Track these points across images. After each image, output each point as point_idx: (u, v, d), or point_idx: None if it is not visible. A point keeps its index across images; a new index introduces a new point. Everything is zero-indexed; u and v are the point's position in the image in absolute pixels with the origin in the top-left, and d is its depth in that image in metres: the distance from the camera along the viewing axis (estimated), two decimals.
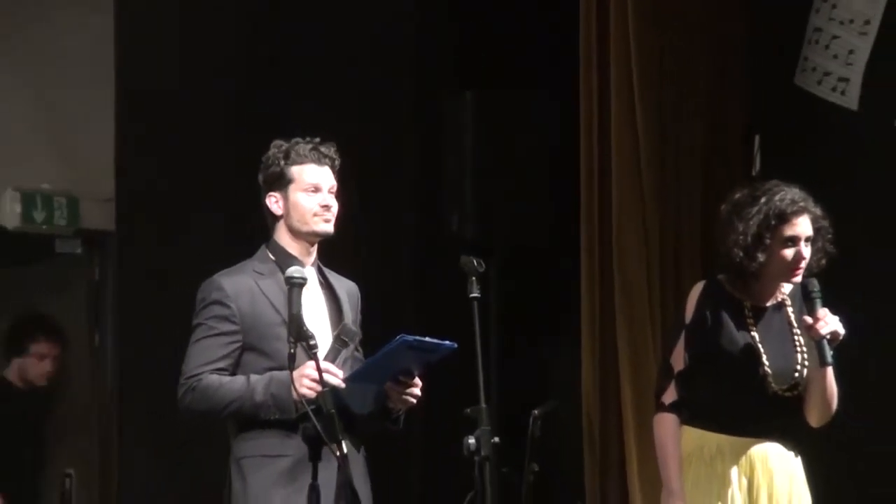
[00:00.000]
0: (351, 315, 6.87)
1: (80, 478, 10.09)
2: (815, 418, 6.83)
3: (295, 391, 6.47)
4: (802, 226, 6.68)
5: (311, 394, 6.45)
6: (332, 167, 6.75)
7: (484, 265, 6.75)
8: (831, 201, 7.43)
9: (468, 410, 6.71)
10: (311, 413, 6.34)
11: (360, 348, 6.85)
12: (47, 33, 10.07)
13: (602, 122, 8.51)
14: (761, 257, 6.64)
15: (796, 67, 8.39)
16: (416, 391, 6.69)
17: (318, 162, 6.71)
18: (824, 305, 6.64)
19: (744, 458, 6.88)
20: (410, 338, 6.58)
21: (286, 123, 8.16)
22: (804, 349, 6.77)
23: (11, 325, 9.87)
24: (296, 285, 6.46)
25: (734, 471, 6.88)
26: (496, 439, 6.67)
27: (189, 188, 8.98)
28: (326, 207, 6.66)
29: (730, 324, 6.80)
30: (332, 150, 6.77)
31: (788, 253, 6.66)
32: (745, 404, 6.79)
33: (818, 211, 6.77)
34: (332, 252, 7.42)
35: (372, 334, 7.01)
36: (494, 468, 6.71)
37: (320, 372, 6.41)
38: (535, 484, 7.94)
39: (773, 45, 8.55)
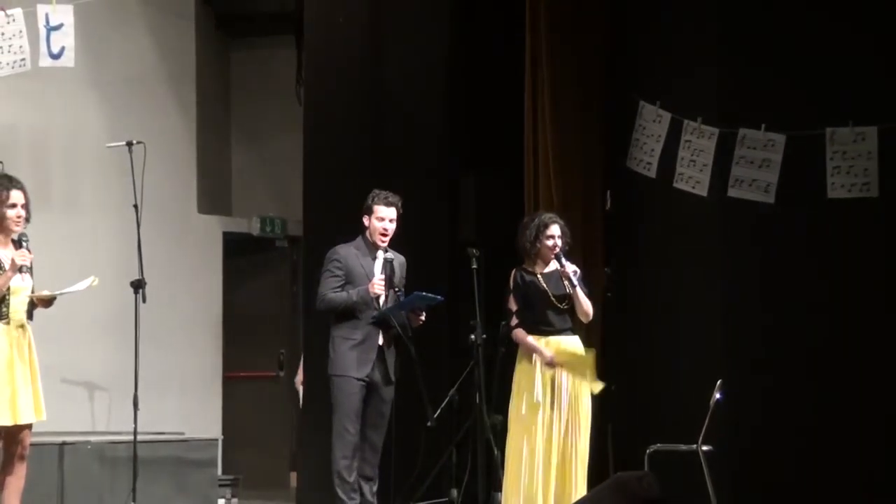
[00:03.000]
0: (398, 274, 6.95)
1: (287, 354, 10.45)
2: (582, 318, 7.14)
3: (371, 292, 6.77)
4: (553, 229, 7.12)
5: (380, 292, 6.73)
6: (396, 208, 6.92)
7: (478, 252, 7.41)
8: (641, 219, 8.31)
9: (472, 322, 7.37)
10: (387, 315, 6.62)
11: (402, 290, 6.92)
12: (271, 132, 10.36)
13: (535, 182, 8.43)
14: (537, 245, 7.11)
15: (627, 157, 8.39)
16: (423, 317, 6.88)
17: (387, 205, 6.91)
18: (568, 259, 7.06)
19: (552, 346, 7.08)
20: (422, 293, 6.86)
21: (387, 180, 8.13)
22: (566, 284, 7.07)
23: None
24: (388, 261, 6.88)
25: (547, 354, 7.07)
26: (484, 336, 7.35)
27: (344, 212, 8.28)
28: (386, 231, 6.88)
29: (529, 282, 7.13)
30: (397, 198, 6.94)
31: (548, 243, 7.09)
32: (548, 317, 7.09)
33: (562, 222, 7.17)
34: (416, 250, 7.84)
35: (426, 285, 7.22)
36: (483, 350, 7.38)
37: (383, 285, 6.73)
38: (502, 357, 7.85)
39: (615, 147, 8.45)
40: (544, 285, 7.12)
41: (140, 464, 7.53)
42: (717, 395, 7.57)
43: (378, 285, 6.74)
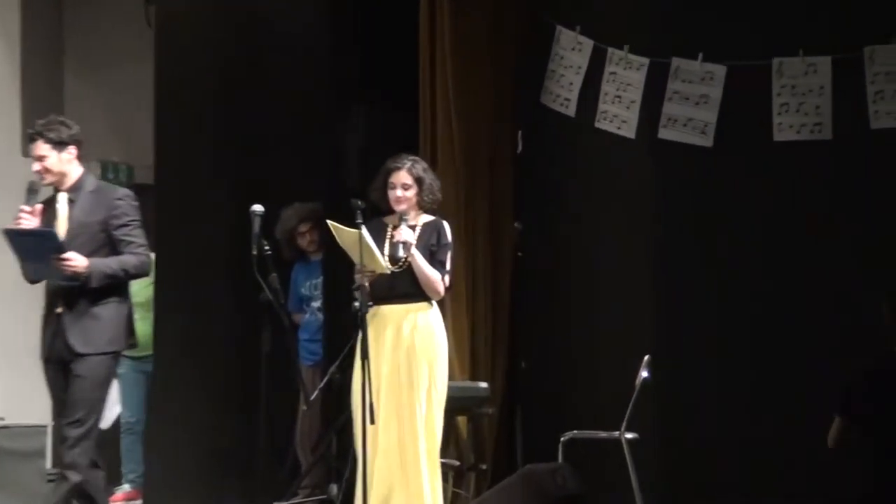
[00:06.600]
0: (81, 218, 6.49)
1: None
2: (422, 286, 6.88)
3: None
4: (398, 177, 6.91)
5: (22, 224, 6.34)
6: (41, 139, 6.49)
7: (364, 204, 6.95)
8: (558, 166, 8.39)
9: (353, 287, 6.93)
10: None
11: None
12: (114, 61, 10.27)
13: (432, 121, 8.43)
14: (381, 194, 6.98)
15: (541, 92, 8.48)
16: (70, 263, 6.34)
17: (31, 140, 6.50)
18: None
19: (395, 314, 6.89)
20: (11, 229, 6.41)
21: (257, 116, 8.72)
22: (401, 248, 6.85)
23: None
24: (33, 191, 6.59)
25: (390, 321, 6.89)
26: (370, 304, 6.87)
27: (203, 155, 8.75)
28: (40, 171, 6.48)
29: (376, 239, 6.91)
30: (41, 125, 6.48)
31: (390, 193, 6.94)
32: (385, 283, 6.88)
33: (417, 168, 6.92)
34: (291, 199, 8.38)
35: None
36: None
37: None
38: None
39: (527, 80, 8.52)
40: (386, 244, 6.94)
41: None
42: (644, 374, 7.61)
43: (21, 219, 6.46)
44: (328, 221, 6.88)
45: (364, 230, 6.74)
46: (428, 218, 7.02)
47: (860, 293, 7.74)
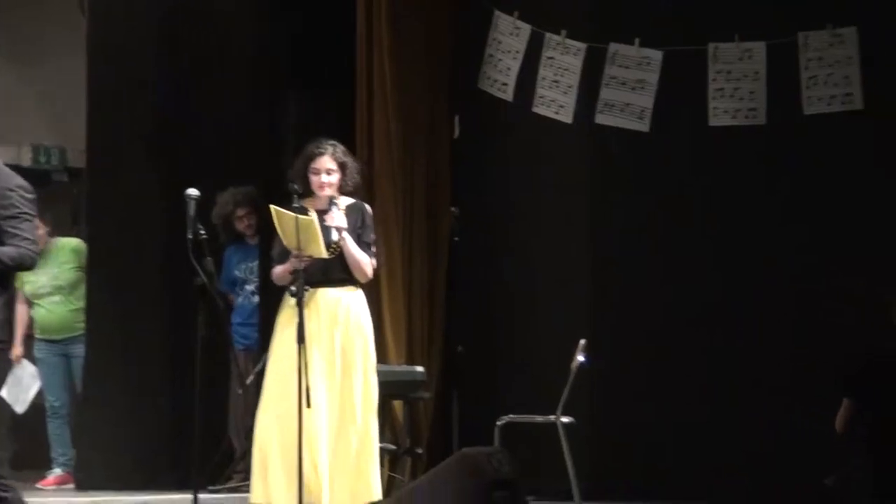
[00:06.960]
0: None
1: None
2: (357, 276, 6.75)
3: None
4: (321, 162, 6.72)
5: None
6: None
7: (302, 188, 6.74)
8: (495, 148, 8.29)
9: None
10: None
11: None
12: (48, 47, 10.36)
13: (369, 106, 8.34)
14: (302, 179, 6.75)
15: (479, 76, 8.47)
16: None
17: None
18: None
19: (327, 298, 6.73)
20: None
21: (190, 101, 8.61)
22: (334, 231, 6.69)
23: None
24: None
25: (323, 305, 6.71)
26: (307, 288, 6.65)
27: (136, 139, 8.65)
28: None
29: None
30: None
31: (314, 179, 6.75)
32: (319, 267, 6.67)
33: (339, 152, 6.75)
34: (226, 184, 8.26)
35: None
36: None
37: None
38: None
39: (467, 66, 8.51)
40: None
41: None
42: (581, 358, 7.53)
43: None
44: (271, 206, 6.72)
45: (314, 215, 6.65)
46: (349, 201, 6.89)
47: (797, 277, 7.77)
